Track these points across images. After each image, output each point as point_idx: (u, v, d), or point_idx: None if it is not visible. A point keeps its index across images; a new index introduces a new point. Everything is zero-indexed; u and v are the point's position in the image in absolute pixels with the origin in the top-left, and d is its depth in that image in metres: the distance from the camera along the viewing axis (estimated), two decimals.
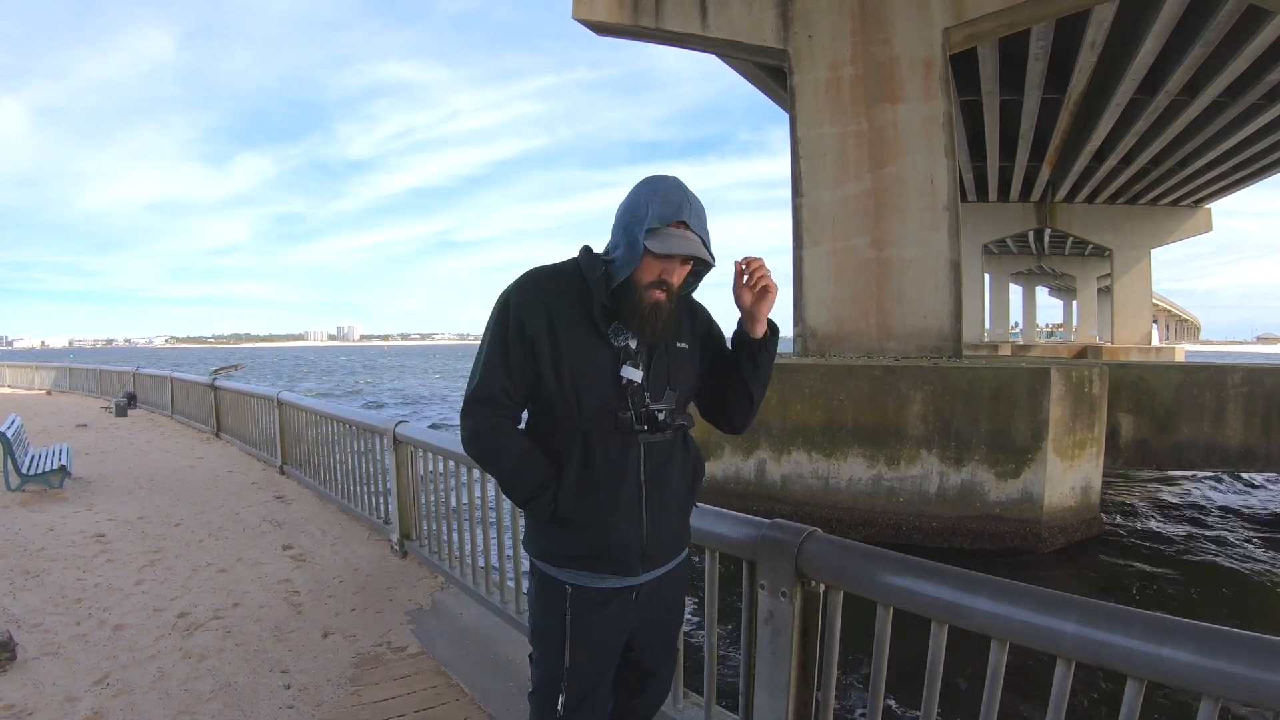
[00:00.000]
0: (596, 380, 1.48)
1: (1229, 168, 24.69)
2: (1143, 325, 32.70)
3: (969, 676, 1.68)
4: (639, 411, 1.49)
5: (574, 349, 1.48)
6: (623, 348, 1.49)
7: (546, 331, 1.47)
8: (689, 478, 1.63)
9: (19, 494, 6.18)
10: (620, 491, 1.50)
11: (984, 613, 1.51)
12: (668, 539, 1.58)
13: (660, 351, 1.54)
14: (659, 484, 1.54)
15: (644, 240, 1.42)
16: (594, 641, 1.57)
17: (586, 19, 12.03)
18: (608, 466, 1.50)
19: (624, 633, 1.62)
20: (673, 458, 1.57)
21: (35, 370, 21.10)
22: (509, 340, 1.49)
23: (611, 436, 1.50)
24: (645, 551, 1.54)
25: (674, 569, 1.66)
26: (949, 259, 10.63)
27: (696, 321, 1.65)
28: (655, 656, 1.74)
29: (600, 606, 1.56)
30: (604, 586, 1.55)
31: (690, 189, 1.48)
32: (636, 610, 1.60)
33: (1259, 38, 13.94)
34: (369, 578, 4.13)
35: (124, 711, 2.65)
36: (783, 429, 9.51)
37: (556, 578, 1.56)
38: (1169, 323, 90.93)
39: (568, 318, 1.49)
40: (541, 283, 1.53)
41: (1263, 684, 1.16)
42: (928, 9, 10.57)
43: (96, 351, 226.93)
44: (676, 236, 1.42)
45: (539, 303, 1.49)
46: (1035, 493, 8.51)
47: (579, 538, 1.52)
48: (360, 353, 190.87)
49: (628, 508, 1.51)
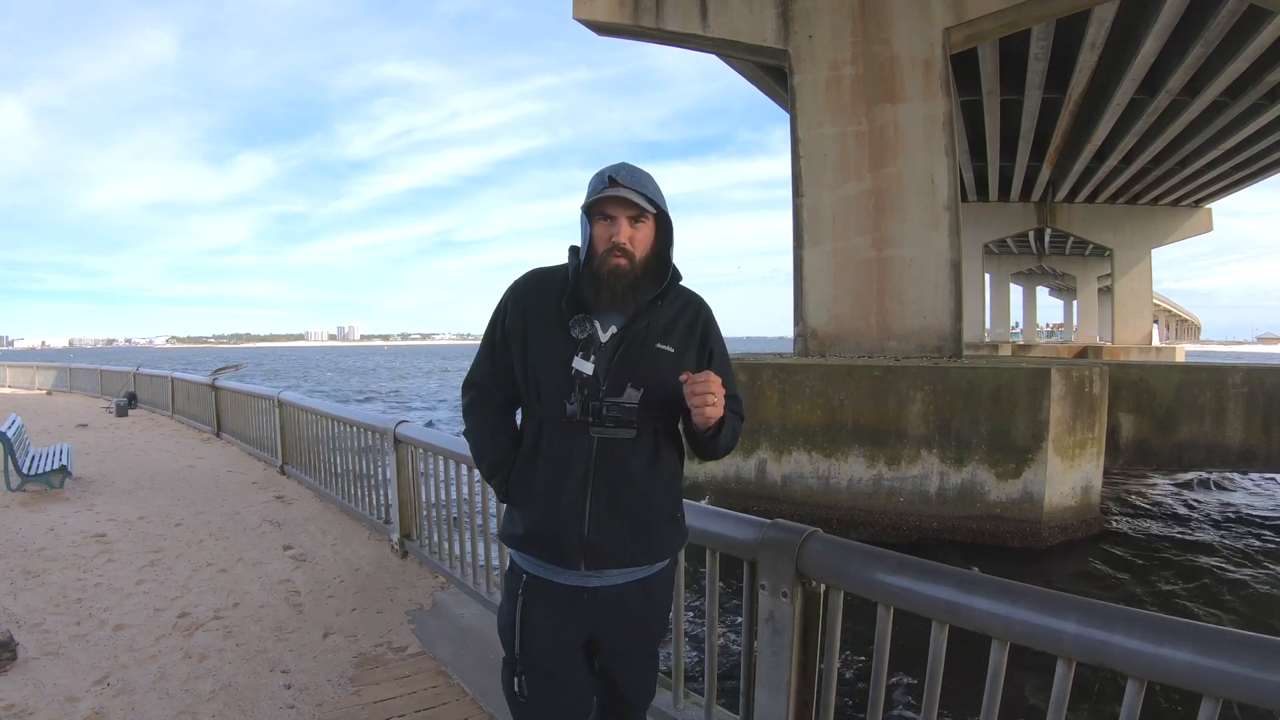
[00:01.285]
0: (551, 370, 1.52)
1: (1229, 168, 24.70)
2: (1143, 325, 32.70)
3: (969, 676, 1.68)
4: (586, 404, 1.49)
5: (538, 340, 1.55)
6: (583, 339, 1.51)
7: (521, 324, 1.57)
8: (656, 483, 1.57)
9: (20, 494, 6.18)
10: (565, 480, 1.51)
11: (984, 613, 1.51)
12: (621, 539, 1.53)
13: (631, 348, 1.52)
14: (608, 479, 1.51)
15: (585, 209, 1.51)
16: (542, 633, 1.56)
17: (587, 19, 12.03)
18: (555, 453, 1.52)
19: (579, 633, 1.58)
20: (633, 457, 1.53)
21: (36, 370, 21.11)
22: (495, 332, 1.62)
23: (561, 426, 1.52)
24: (586, 545, 1.51)
25: (648, 579, 1.60)
26: (949, 259, 10.63)
27: (695, 327, 1.60)
28: (627, 677, 1.67)
29: (550, 600, 1.56)
30: (557, 581, 1.56)
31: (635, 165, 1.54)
32: (594, 614, 1.56)
33: (1259, 38, 13.94)
34: (369, 578, 4.13)
35: (124, 711, 2.65)
36: (783, 429, 9.51)
37: (517, 562, 1.63)
38: (1169, 323, 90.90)
39: (541, 311, 1.56)
40: (532, 281, 1.62)
41: (1263, 684, 1.16)
42: (928, 9, 10.57)
43: (97, 351, 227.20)
44: (607, 192, 1.48)
45: (524, 299, 1.59)
46: (1036, 493, 8.51)
47: (520, 517, 1.57)
48: (361, 353, 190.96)
49: (570, 498, 1.51)
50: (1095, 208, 29.97)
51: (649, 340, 1.54)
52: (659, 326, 1.56)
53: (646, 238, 1.53)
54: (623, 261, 1.49)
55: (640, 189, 1.49)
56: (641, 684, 1.70)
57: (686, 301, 1.62)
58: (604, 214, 1.50)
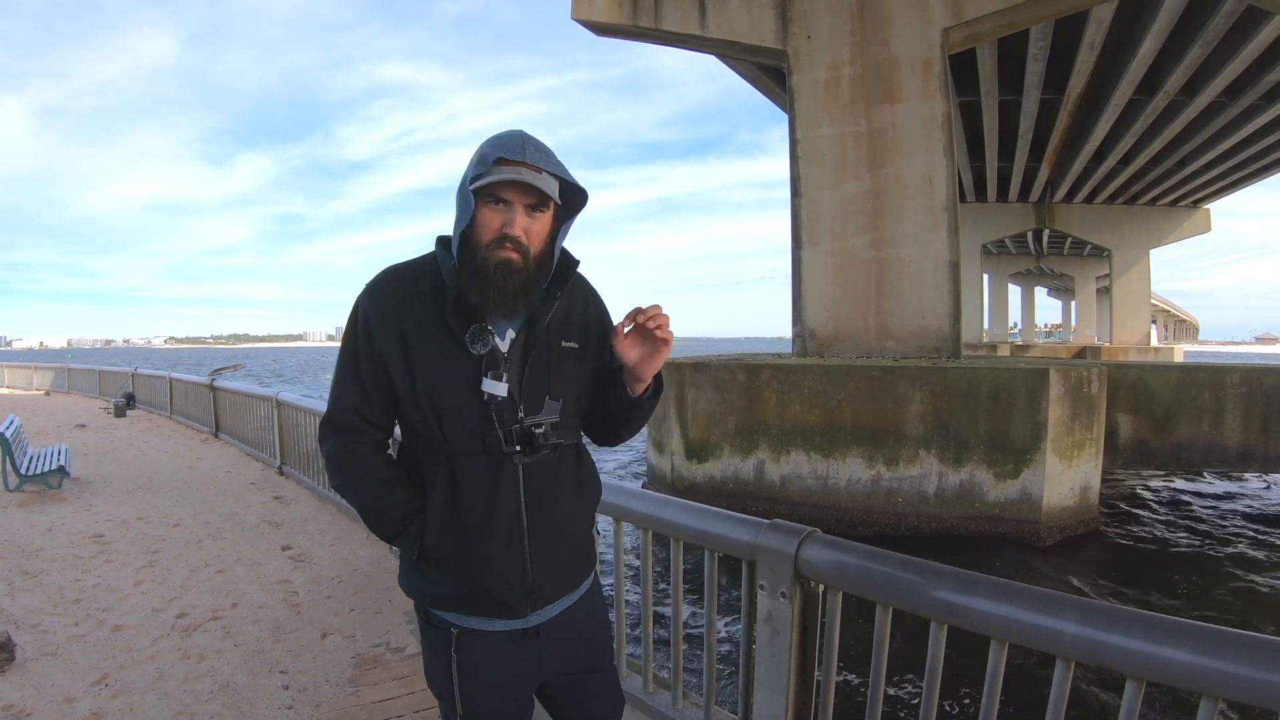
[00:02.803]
0: (455, 397, 1.27)
1: (1228, 168, 24.74)
2: (1141, 325, 32.75)
3: (969, 676, 1.68)
4: (508, 430, 1.27)
5: (428, 362, 1.27)
6: (485, 355, 1.26)
7: (398, 343, 1.27)
8: (583, 498, 1.41)
9: (18, 494, 6.17)
10: (494, 523, 1.28)
11: (983, 613, 1.51)
12: (559, 572, 1.36)
13: (540, 354, 1.31)
14: (543, 511, 1.32)
15: (471, 189, 1.23)
16: (488, 690, 1.36)
17: (585, 19, 12.04)
18: (478, 495, 1.29)
19: (528, 679, 1.40)
20: (560, 478, 1.35)
21: (34, 370, 21.10)
22: (359, 355, 1.30)
23: (479, 460, 1.28)
24: (530, 589, 1.32)
25: (582, 597, 1.44)
26: (948, 259, 10.64)
27: (589, 314, 1.41)
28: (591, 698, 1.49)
29: (491, 652, 1.35)
30: (493, 630, 1.34)
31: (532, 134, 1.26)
32: (539, 652, 1.38)
33: (1257, 38, 13.97)
34: (368, 578, 4.13)
35: (123, 712, 2.65)
36: (782, 429, 9.51)
37: (442, 618, 1.35)
38: (1168, 323, 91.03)
39: (420, 324, 1.27)
40: (393, 284, 1.31)
41: (1263, 684, 1.16)
42: (926, 9, 10.59)
43: (95, 352, 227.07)
44: (506, 172, 1.21)
45: (390, 309, 1.28)
46: (1034, 493, 8.51)
47: (450, 576, 1.31)
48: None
49: (505, 541, 1.29)
50: (1093, 208, 30.02)
51: (554, 340, 1.33)
52: (559, 322, 1.35)
53: (543, 230, 1.28)
54: (514, 255, 1.23)
55: (551, 170, 1.25)
56: (605, 698, 1.52)
57: (575, 285, 1.39)
58: (496, 197, 1.23)
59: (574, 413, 1.38)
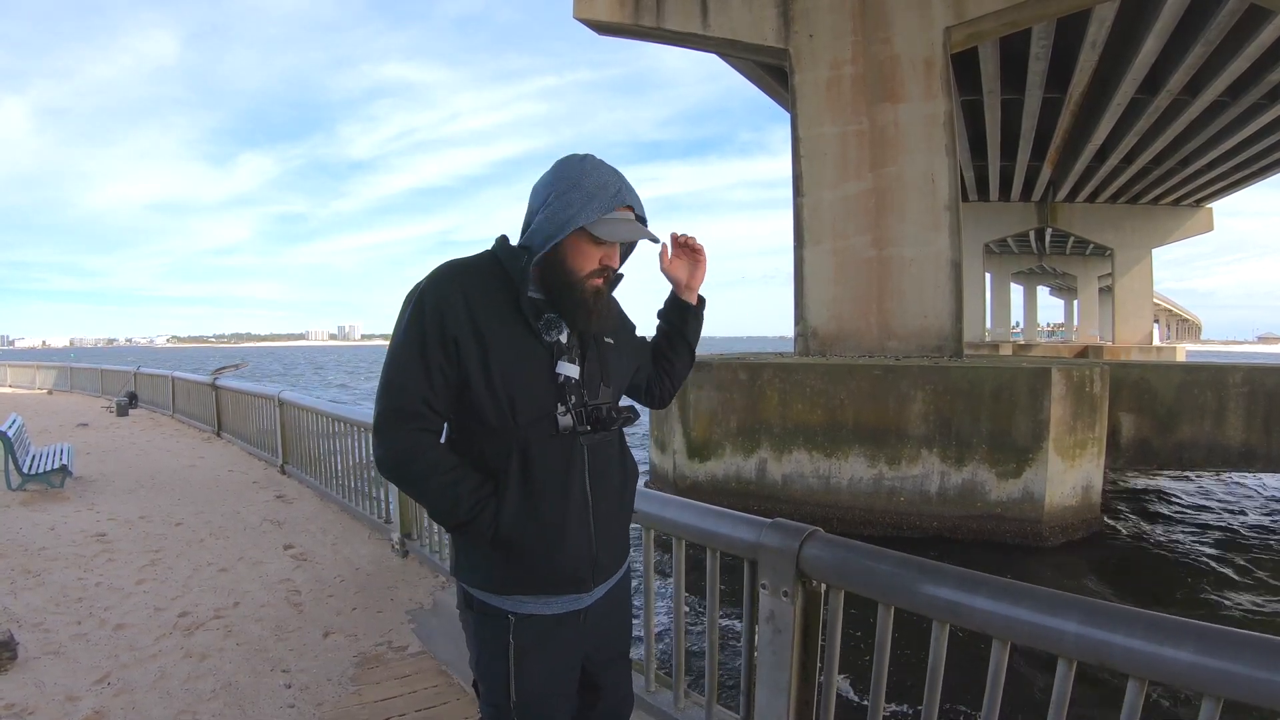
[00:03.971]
0: (532, 380, 1.34)
1: (1230, 167, 24.70)
2: (1144, 325, 32.70)
3: (970, 676, 1.68)
4: (580, 411, 1.36)
5: (504, 347, 1.32)
6: (555, 343, 1.36)
7: (470, 330, 1.31)
8: (626, 477, 1.51)
9: (20, 493, 6.18)
10: (568, 502, 1.36)
11: (985, 612, 1.51)
12: (615, 546, 1.46)
13: (592, 347, 1.42)
14: (603, 488, 1.42)
15: (588, 227, 1.31)
16: (543, 674, 1.41)
17: (587, 18, 12.04)
18: (551, 476, 1.35)
19: (576, 660, 1.47)
20: (612, 458, 1.46)
21: (36, 370, 21.13)
22: (428, 342, 1.31)
23: (552, 442, 1.35)
24: (596, 562, 1.41)
25: (621, 579, 1.54)
26: (950, 258, 10.64)
27: (615, 313, 1.53)
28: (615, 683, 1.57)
29: (547, 635, 1.40)
30: (550, 613, 1.41)
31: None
32: (586, 633, 1.45)
33: (1260, 37, 13.94)
34: (370, 577, 4.13)
35: (125, 711, 2.65)
36: (784, 428, 9.51)
37: (499, 607, 1.39)
38: (1170, 322, 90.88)
39: (491, 312, 1.33)
40: (460, 276, 1.36)
41: (1264, 684, 1.16)
42: (928, 8, 10.57)
43: (97, 351, 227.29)
44: (623, 221, 1.34)
45: (459, 299, 1.32)
46: (1036, 492, 8.51)
47: (527, 559, 1.36)
48: (361, 352, 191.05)
49: (578, 519, 1.37)
50: (1096, 207, 29.98)
51: (599, 337, 1.45)
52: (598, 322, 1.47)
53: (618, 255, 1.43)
54: (601, 282, 1.37)
55: (645, 217, 1.39)
56: (626, 688, 1.60)
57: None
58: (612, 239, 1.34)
59: (618, 398, 1.50)
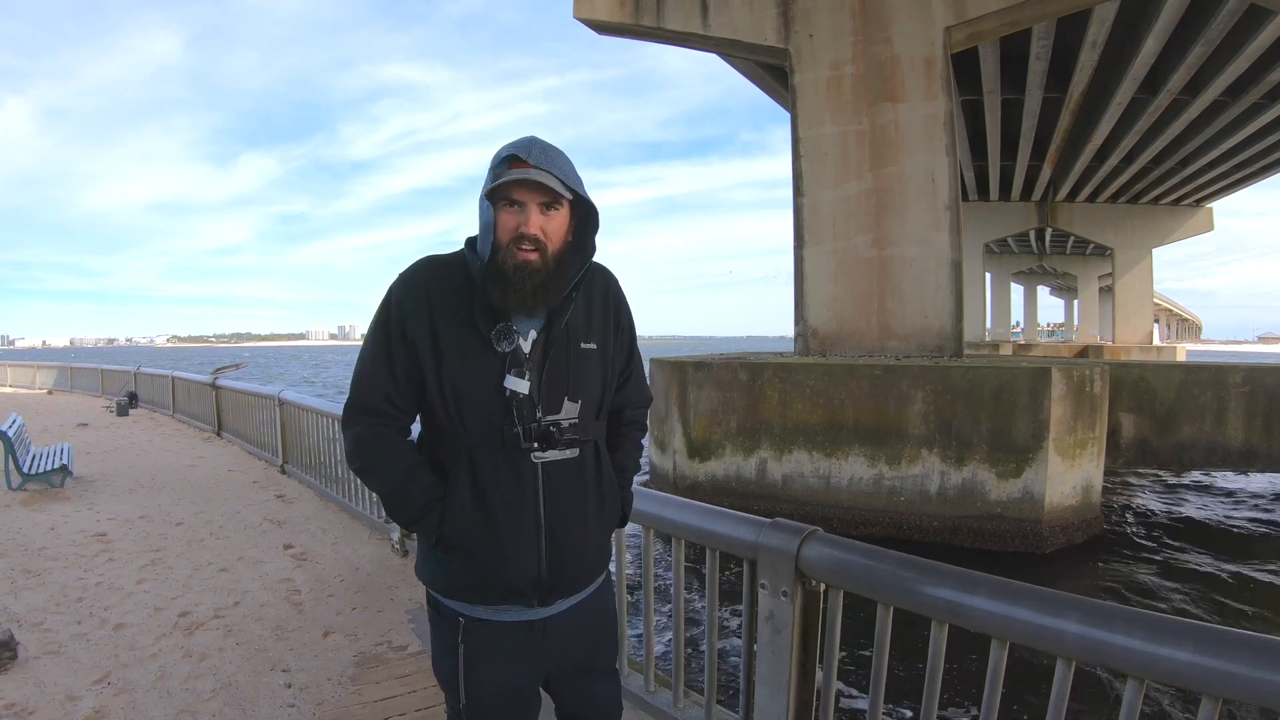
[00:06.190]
0: (478, 390, 1.30)
1: (1230, 167, 24.68)
2: (1144, 324, 32.67)
3: (969, 675, 1.68)
4: (527, 427, 1.30)
5: (454, 354, 1.30)
6: (509, 353, 1.30)
7: (429, 333, 1.31)
8: (603, 506, 1.42)
9: (20, 493, 6.18)
10: (514, 517, 1.31)
11: (984, 612, 1.51)
12: (577, 569, 1.39)
13: (559, 355, 1.34)
14: (563, 511, 1.34)
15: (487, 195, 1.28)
16: (494, 681, 1.38)
17: (587, 18, 12.03)
18: (498, 488, 1.31)
19: (534, 672, 1.43)
20: (582, 478, 1.37)
21: (37, 369, 21.12)
22: (392, 341, 1.33)
23: (499, 454, 1.31)
24: (544, 583, 1.35)
25: (591, 595, 1.47)
26: (950, 258, 10.63)
27: (608, 311, 1.43)
28: (593, 694, 1.52)
29: (500, 641, 1.37)
30: (502, 620, 1.37)
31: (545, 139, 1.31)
32: (546, 646, 1.40)
33: (1260, 37, 13.93)
34: (370, 577, 4.13)
35: (125, 710, 2.65)
36: (784, 428, 9.51)
37: (451, 608, 1.39)
38: (1170, 322, 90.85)
39: (450, 317, 1.31)
40: (426, 276, 1.35)
41: (1263, 684, 1.16)
42: (929, 8, 10.56)
43: (98, 351, 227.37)
44: (514, 174, 1.25)
45: (423, 299, 1.32)
46: (1036, 492, 8.50)
47: (466, 566, 1.34)
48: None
49: (523, 536, 1.32)
50: (1096, 207, 29.95)
51: (573, 342, 1.36)
52: (580, 323, 1.38)
53: (561, 226, 1.31)
54: (533, 256, 1.27)
55: (553, 170, 1.27)
56: (605, 699, 1.54)
57: (593, 280, 1.42)
58: (510, 199, 1.27)
59: (594, 415, 1.40)
